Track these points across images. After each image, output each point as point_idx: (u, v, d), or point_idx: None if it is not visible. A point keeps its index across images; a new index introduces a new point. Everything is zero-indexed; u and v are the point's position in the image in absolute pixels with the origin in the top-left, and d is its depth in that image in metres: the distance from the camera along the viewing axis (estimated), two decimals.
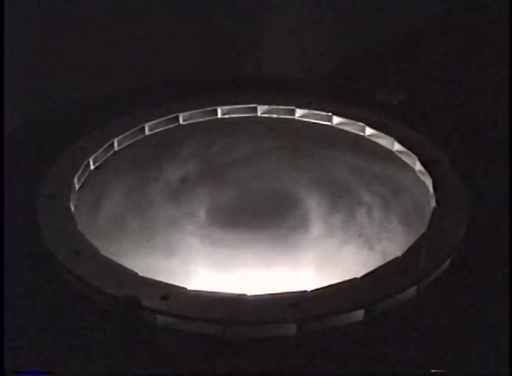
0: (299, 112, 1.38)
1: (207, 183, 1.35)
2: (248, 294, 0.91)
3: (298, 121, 1.38)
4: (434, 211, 1.08)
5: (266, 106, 1.39)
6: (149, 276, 0.94)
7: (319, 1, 1.59)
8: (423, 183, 1.18)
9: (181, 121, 1.36)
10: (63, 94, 1.45)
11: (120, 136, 1.29)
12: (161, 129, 1.35)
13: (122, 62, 1.54)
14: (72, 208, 1.10)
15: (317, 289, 0.92)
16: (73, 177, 1.17)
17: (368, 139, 1.32)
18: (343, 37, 1.59)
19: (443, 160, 1.20)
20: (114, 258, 0.98)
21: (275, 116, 1.39)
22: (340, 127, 1.35)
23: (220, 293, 0.91)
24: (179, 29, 1.57)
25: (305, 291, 0.92)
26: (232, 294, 0.91)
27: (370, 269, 0.96)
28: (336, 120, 1.35)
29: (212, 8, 1.58)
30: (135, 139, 1.31)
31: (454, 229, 1.04)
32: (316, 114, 1.37)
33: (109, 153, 1.27)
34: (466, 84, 1.27)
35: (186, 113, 1.36)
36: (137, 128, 1.31)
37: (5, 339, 0.87)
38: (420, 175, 1.21)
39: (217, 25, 1.59)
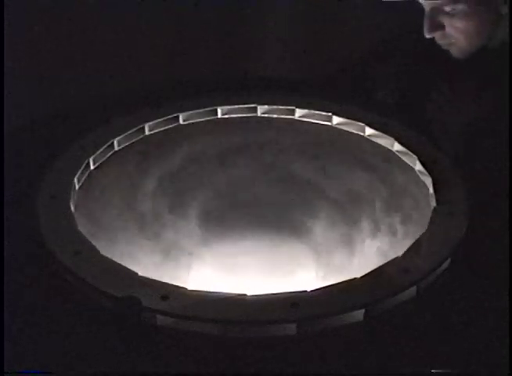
0: (299, 112, 1.38)
1: (207, 183, 1.35)
2: (248, 294, 0.91)
3: (298, 121, 1.38)
4: (434, 211, 1.08)
5: (266, 106, 1.39)
6: (149, 276, 0.94)
7: (319, 1, 1.59)
8: (423, 183, 1.18)
9: (181, 121, 1.36)
10: (63, 94, 1.45)
11: (120, 136, 1.29)
12: (161, 129, 1.35)
13: (122, 62, 1.54)
14: (72, 208, 1.10)
15: (317, 289, 0.92)
16: (74, 177, 1.17)
17: (368, 139, 1.32)
18: (343, 37, 1.59)
19: (443, 160, 1.20)
20: (114, 258, 0.98)
21: (275, 116, 1.39)
22: (340, 127, 1.35)
23: (220, 293, 0.91)
24: (179, 29, 1.57)
25: (305, 291, 0.92)
26: (232, 294, 0.91)
27: (370, 269, 0.96)
28: (336, 120, 1.35)
29: (212, 8, 1.58)
30: (134, 139, 1.31)
31: (454, 229, 1.04)
32: (316, 114, 1.37)
33: (110, 153, 1.27)
34: (466, 83, 1.27)
35: (186, 113, 1.36)
36: (137, 128, 1.31)
37: (4, 339, 0.87)
38: (419, 175, 1.21)
39: (217, 25, 1.59)
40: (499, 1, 1.18)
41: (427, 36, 1.22)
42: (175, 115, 1.35)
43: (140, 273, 0.95)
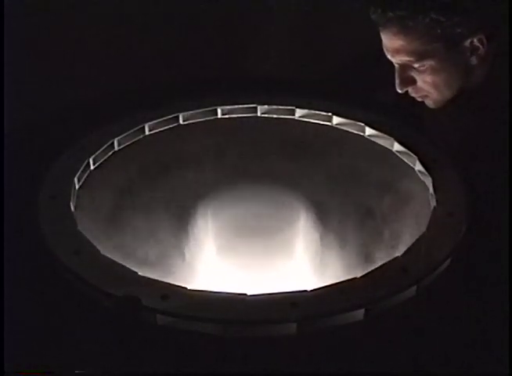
0: (299, 112, 1.38)
1: (207, 183, 1.35)
2: (248, 294, 0.91)
3: (298, 121, 1.38)
4: (434, 211, 1.08)
5: (266, 106, 1.39)
6: (150, 276, 0.94)
7: (319, 1, 1.59)
8: (423, 183, 1.18)
9: (181, 121, 1.36)
10: (64, 94, 1.45)
11: (120, 136, 1.29)
12: (161, 129, 1.35)
13: (122, 62, 1.54)
14: (72, 208, 1.10)
15: (317, 289, 0.92)
16: (74, 177, 1.17)
17: (368, 139, 1.32)
18: (343, 37, 1.59)
19: (443, 160, 1.20)
20: (114, 258, 0.98)
21: (275, 116, 1.39)
22: (340, 127, 1.35)
23: (220, 293, 0.91)
24: (179, 29, 1.57)
25: (305, 291, 0.92)
26: (232, 294, 0.91)
27: (370, 269, 0.96)
28: (336, 120, 1.35)
29: (212, 7, 1.58)
30: (134, 139, 1.31)
31: (454, 229, 1.04)
32: (316, 114, 1.37)
33: (110, 153, 1.27)
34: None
35: (186, 113, 1.36)
36: (137, 128, 1.31)
37: (5, 339, 0.87)
38: (420, 175, 1.21)
39: (217, 25, 1.59)
40: (467, 54, 1.20)
41: (400, 91, 1.26)
42: (175, 115, 1.35)
43: (140, 273, 0.95)
